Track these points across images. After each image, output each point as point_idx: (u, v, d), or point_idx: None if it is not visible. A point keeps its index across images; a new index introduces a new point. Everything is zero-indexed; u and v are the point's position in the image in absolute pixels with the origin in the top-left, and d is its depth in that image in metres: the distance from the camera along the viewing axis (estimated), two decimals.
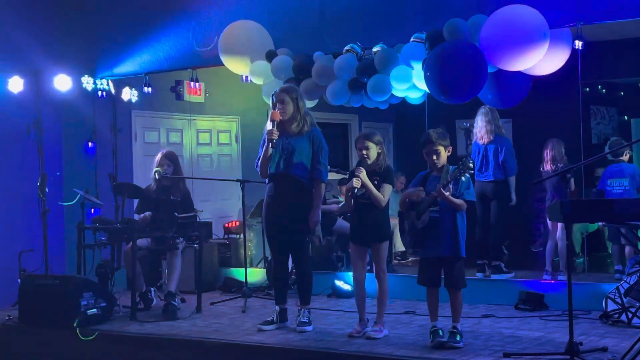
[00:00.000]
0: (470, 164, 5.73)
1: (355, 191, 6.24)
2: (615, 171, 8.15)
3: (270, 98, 6.76)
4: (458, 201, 5.88)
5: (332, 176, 8.84)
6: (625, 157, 8.20)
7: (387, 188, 6.35)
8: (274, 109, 6.64)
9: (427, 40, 7.43)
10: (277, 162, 6.62)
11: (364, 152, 6.34)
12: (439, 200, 5.88)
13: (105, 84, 9.62)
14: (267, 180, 6.77)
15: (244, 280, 8.11)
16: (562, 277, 7.83)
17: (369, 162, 6.34)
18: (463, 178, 5.80)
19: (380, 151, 6.39)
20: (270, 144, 6.54)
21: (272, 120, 6.57)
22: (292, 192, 6.59)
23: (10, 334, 7.39)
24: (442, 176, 5.90)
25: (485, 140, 8.33)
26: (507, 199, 8.31)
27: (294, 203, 6.58)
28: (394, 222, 8.16)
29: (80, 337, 6.82)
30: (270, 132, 6.54)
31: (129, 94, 9.62)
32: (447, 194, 5.78)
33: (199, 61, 9.11)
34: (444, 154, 6.03)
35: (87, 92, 9.47)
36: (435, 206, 5.91)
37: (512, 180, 8.28)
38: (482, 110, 8.35)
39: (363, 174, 6.24)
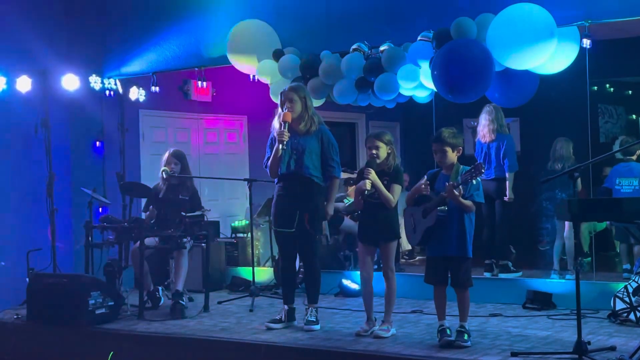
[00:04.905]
0: (483, 170, 5.72)
1: (366, 192, 6.23)
2: (624, 170, 8.12)
3: (279, 96, 6.75)
4: (467, 202, 5.86)
5: None
6: (634, 157, 8.17)
7: (397, 188, 6.34)
8: (282, 107, 6.64)
9: (434, 39, 7.42)
10: (287, 162, 6.62)
11: (374, 151, 6.31)
12: (448, 200, 5.87)
13: (113, 84, 9.63)
14: (275, 180, 6.77)
15: (251, 279, 8.12)
16: (570, 276, 7.81)
17: (379, 161, 6.33)
18: (474, 181, 5.79)
19: (390, 151, 6.37)
20: (280, 144, 6.54)
21: (284, 122, 6.55)
22: (302, 191, 6.60)
23: (19, 333, 7.41)
24: (452, 176, 5.88)
25: (487, 139, 8.34)
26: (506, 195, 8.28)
27: (303, 202, 6.59)
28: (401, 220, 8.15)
29: None
30: (281, 134, 6.52)
31: (136, 93, 9.62)
32: (456, 194, 5.77)
33: (206, 60, 9.12)
34: (450, 154, 5.99)
35: (94, 92, 9.47)
36: (444, 206, 5.90)
37: (511, 177, 8.23)
38: (486, 108, 8.35)
39: (373, 174, 6.22)
